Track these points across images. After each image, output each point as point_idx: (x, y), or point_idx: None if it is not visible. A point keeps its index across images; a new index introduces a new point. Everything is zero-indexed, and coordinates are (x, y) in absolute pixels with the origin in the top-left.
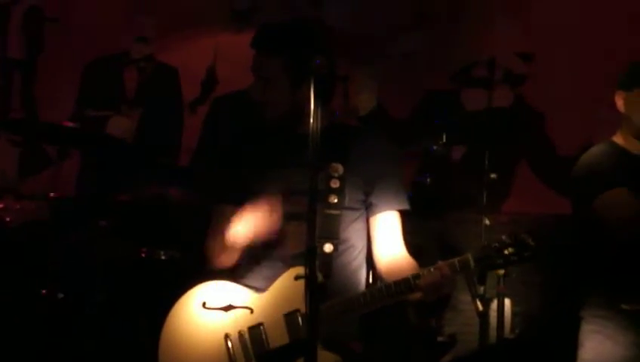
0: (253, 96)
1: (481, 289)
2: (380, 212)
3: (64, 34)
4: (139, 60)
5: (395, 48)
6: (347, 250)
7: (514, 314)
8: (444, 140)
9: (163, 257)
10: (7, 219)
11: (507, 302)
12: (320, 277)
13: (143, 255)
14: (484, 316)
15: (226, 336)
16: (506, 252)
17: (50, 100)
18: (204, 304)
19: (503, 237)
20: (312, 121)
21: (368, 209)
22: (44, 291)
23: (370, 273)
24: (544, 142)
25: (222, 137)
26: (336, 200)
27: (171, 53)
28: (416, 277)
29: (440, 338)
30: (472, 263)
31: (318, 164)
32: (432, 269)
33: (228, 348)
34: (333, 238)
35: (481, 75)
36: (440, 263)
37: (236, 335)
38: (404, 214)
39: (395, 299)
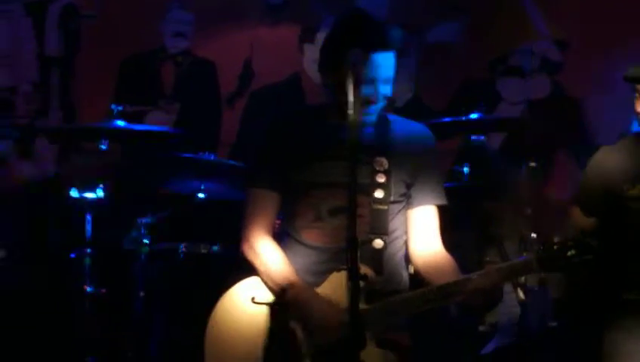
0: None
1: (523, 277)
2: (419, 206)
3: (101, 31)
4: (176, 55)
5: (431, 38)
6: (393, 242)
7: (555, 302)
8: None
9: (203, 251)
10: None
11: (548, 290)
12: (371, 273)
13: (184, 249)
14: (525, 305)
15: (276, 334)
16: (568, 254)
17: (88, 97)
18: (252, 298)
19: (564, 237)
20: (351, 112)
21: (407, 202)
22: (86, 286)
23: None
24: (582, 130)
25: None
26: (382, 195)
27: (208, 48)
28: (465, 281)
29: (481, 328)
30: (535, 266)
31: (363, 158)
32: (482, 273)
33: (273, 344)
34: (383, 234)
35: (518, 64)
36: (490, 268)
37: (287, 333)
38: (442, 207)
39: (443, 303)
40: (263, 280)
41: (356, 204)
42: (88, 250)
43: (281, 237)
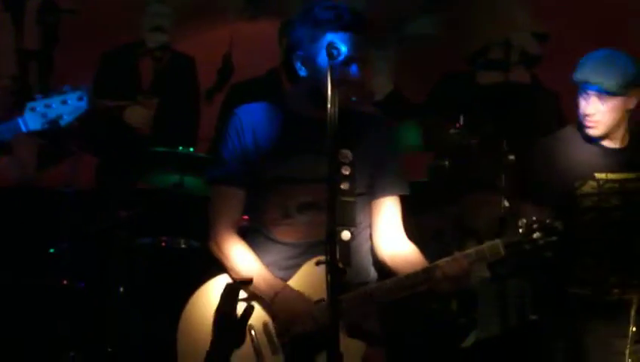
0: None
1: (501, 269)
2: (382, 196)
3: (80, 25)
4: (154, 50)
5: (409, 31)
6: (360, 234)
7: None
8: (462, 122)
9: (183, 246)
10: None
11: (526, 284)
12: (341, 264)
13: (164, 244)
14: (505, 297)
15: (250, 327)
16: (534, 236)
17: None
18: None
19: (528, 220)
20: (329, 106)
21: (370, 193)
22: (64, 281)
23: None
24: (561, 123)
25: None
26: (348, 187)
27: (187, 42)
28: (433, 268)
29: (461, 320)
30: (502, 250)
31: (328, 151)
32: (449, 260)
33: (252, 339)
34: (351, 226)
35: (497, 57)
36: (457, 254)
37: (260, 326)
38: (412, 199)
39: (412, 291)
40: (231, 277)
41: (333, 197)
42: (67, 245)
43: (249, 233)
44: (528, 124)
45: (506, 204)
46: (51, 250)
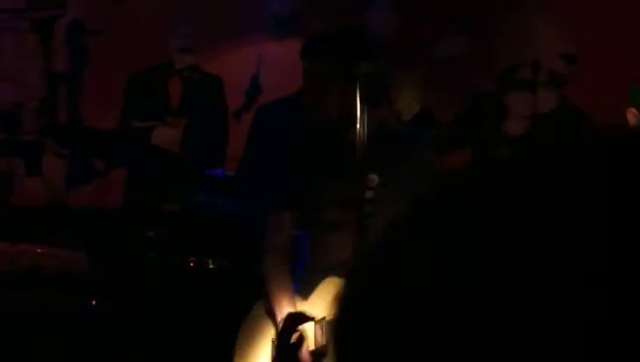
0: (305, 102)
1: None
2: None
3: (108, 46)
4: (183, 70)
5: (437, 51)
6: None
7: None
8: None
9: (212, 266)
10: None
11: None
12: None
13: (192, 264)
14: None
15: (272, 342)
16: None
17: (96, 113)
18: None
19: None
20: (358, 127)
21: None
22: (93, 302)
23: None
24: None
25: (268, 145)
26: (373, 210)
27: (215, 63)
28: None
29: None
30: None
31: (357, 174)
32: None
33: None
34: None
35: (526, 77)
36: None
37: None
38: None
39: None
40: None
41: (362, 218)
42: (96, 264)
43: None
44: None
45: None
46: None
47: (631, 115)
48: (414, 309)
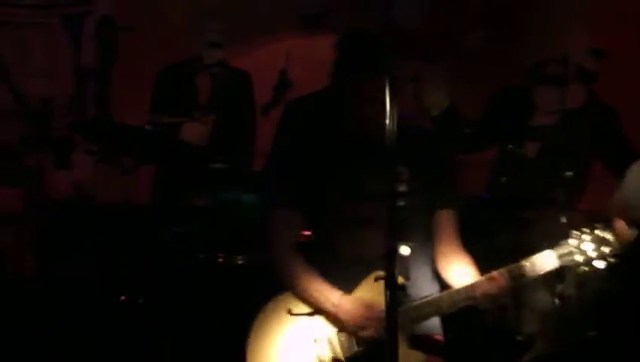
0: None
1: (560, 286)
2: (438, 210)
3: (137, 42)
4: (211, 66)
5: (465, 46)
6: (420, 248)
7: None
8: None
9: (240, 262)
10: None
11: (587, 299)
12: (400, 279)
13: (221, 260)
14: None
15: (315, 341)
16: (583, 248)
17: (125, 108)
18: (289, 311)
19: (578, 231)
20: (387, 122)
21: (427, 208)
22: (123, 297)
23: None
24: (618, 139)
25: (295, 140)
26: (406, 203)
27: (243, 58)
28: (473, 286)
29: (519, 338)
30: (555, 262)
31: (387, 168)
32: (487, 279)
33: (317, 353)
34: (409, 241)
35: (554, 72)
36: (495, 273)
37: (324, 339)
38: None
39: (454, 308)
40: (295, 293)
41: (395, 212)
42: (123, 259)
43: (310, 248)
44: (585, 141)
45: (564, 220)
46: (109, 267)
47: None
48: None
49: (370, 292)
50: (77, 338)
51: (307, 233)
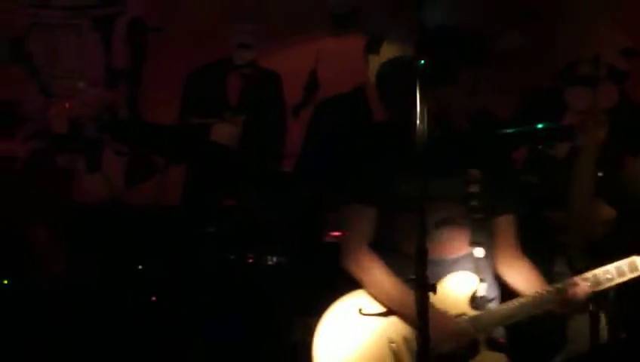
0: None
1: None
2: (501, 214)
3: (167, 43)
4: (241, 67)
5: (497, 47)
6: (491, 250)
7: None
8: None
9: (270, 263)
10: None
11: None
12: (478, 281)
13: (251, 261)
14: (596, 315)
15: (390, 342)
16: None
17: (155, 109)
18: (360, 310)
19: None
20: (417, 123)
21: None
22: (154, 298)
23: None
24: None
25: (328, 140)
26: (479, 204)
27: (273, 59)
28: (560, 290)
29: (551, 339)
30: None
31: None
32: (580, 279)
33: (393, 353)
34: (485, 242)
35: (586, 73)
36: (576, 279)
37: (400, 340)
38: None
39: (541, 310)
40: (372, 294)
41: (424, 214)
42: (153, 261)
43: (382, 248)
44: (617, 140)
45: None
46: (139, 267)
47: None
48: None
49: (450, 293)
50: (107, 338)
51: (336, 234)
